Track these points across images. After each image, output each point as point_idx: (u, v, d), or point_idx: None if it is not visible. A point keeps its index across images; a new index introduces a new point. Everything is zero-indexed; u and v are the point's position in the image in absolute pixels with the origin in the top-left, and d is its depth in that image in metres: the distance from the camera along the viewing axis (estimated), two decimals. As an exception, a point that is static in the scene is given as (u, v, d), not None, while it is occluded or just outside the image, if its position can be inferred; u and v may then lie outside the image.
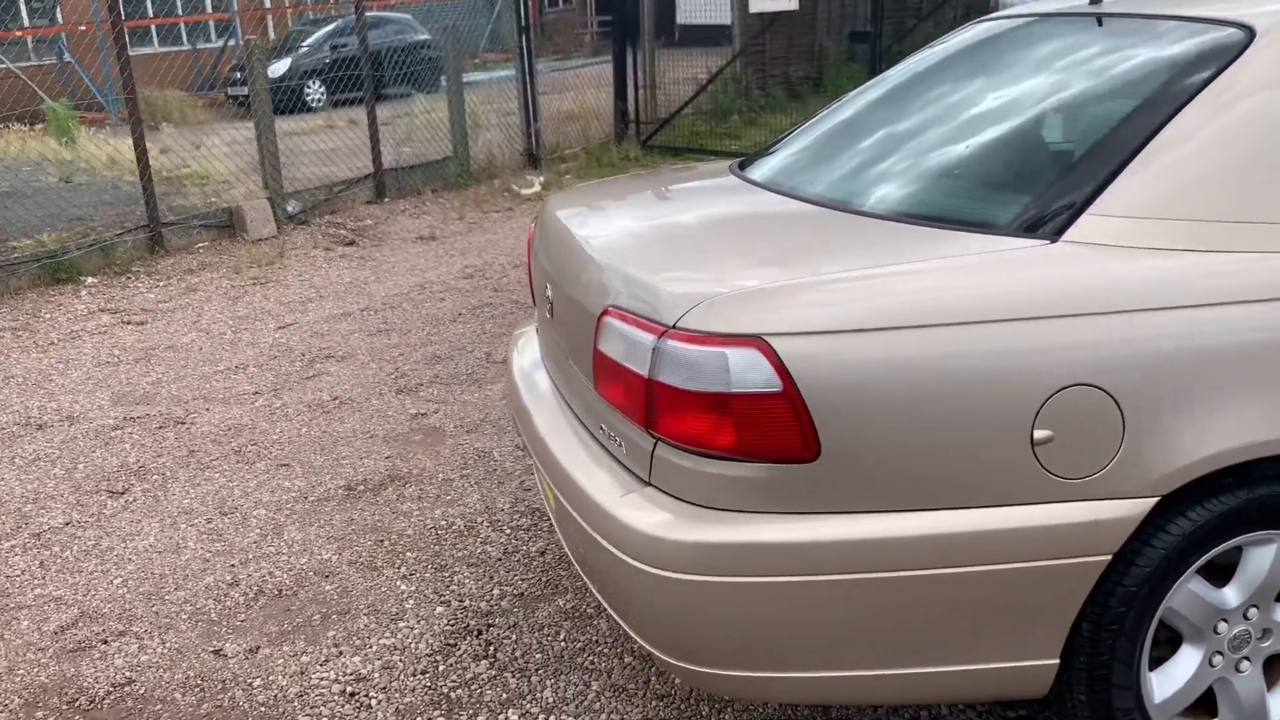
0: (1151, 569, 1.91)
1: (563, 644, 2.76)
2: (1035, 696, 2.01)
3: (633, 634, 2.09)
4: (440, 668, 2.68)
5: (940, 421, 1.81)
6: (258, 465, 3.90)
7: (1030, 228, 1.97)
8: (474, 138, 9.27)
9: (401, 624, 2.87)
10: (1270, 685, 2.13)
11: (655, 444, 1.97)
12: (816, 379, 1.79)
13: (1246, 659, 2.07)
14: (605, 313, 2.07)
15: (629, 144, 10.53)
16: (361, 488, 3.69)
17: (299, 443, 4.08)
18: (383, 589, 3.05)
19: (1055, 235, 1.93)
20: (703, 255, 2.20)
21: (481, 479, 3.72)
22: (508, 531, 3.34)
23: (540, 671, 2.65)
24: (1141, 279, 1.86)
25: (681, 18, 11.58)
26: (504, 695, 2.56)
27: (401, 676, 2.66)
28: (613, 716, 2.47)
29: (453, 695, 2.58)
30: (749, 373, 1.81)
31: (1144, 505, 1.86)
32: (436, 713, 2.52)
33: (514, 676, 2.64)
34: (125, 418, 4.39)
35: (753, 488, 1.86)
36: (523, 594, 2.99)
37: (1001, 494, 1.85)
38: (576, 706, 2.51)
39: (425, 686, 2.62)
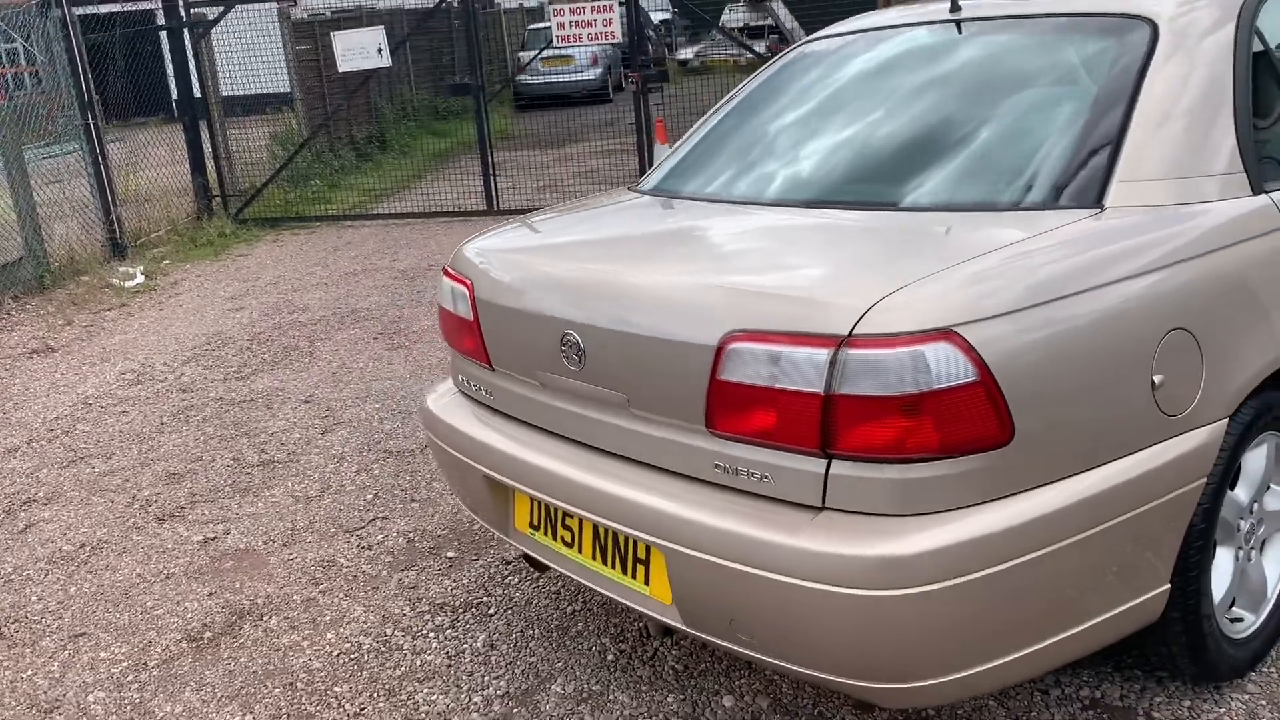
0: (1217, 482, 2.17)
1: (598, 729, 2.49)
2: (1148, 624, 2.18)
3: (823, 674, 1.95)
4: (482, 797, 2.31)
5: (1097, 382, 1.93)
6: (44, 644, 3.06)
7: (1072, 201, 2.15)
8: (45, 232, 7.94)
9: (400, 765, 2.42)
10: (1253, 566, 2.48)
11: (829, 464, 1.87)
12: (1004, 361, 1.82)
13: (1253, 548, 2.42)
14: (731, 339, 1.93)
15: (219, 219, 9.63)
16: (208, 634, 3.04)
17: (77, 607, 3.26)
18: (342, 735, 2.55)
19: (1098, 204, 2.13)
20: (797, 265, 2.13)
21: (349, 590, 3.23)
22: (431, 636, 2.94)
23: (597, 764, 2.37)
24: (1183, 228, 2.12)
25: (232, 88, 10.87)
26: (580, 801, 2.27)
27: (445, 822, 2.25)
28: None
29: (523, 821, 2.23)
30: (947, 367, 1.79)
31: (1222, 425, 2.11)
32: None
33: (573, 779, 2.34)
34: None
35: (951, 484, 1.84)
36: (508, 694, 2.65)
37: (1139, 439, 2.00)
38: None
39: (483, 823, 2.23)
